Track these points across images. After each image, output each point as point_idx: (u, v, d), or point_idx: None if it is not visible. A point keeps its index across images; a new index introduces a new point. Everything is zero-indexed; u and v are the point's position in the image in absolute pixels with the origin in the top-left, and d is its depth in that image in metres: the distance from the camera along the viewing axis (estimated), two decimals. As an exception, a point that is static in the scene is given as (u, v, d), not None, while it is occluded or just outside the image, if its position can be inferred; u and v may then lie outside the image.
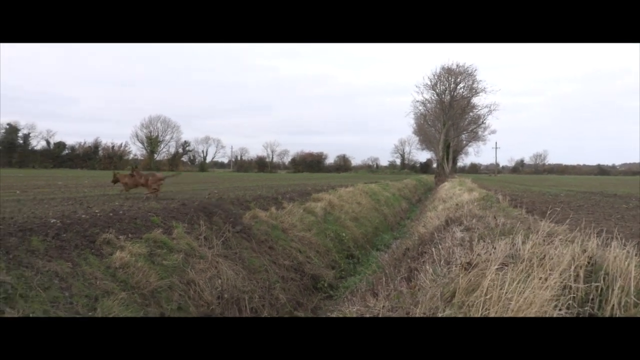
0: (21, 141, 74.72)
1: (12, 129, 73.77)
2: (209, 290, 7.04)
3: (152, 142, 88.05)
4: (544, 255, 3.41)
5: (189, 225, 8.35)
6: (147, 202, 9.84)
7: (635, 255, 3.56)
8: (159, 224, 7.80)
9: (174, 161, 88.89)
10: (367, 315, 3.69)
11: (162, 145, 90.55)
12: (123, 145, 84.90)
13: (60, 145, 78.59)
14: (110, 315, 5.01)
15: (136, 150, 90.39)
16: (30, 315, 4.22)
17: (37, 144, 77.12)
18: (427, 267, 5.12)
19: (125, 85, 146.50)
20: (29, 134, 75.85)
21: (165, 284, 6.35)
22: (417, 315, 3.15)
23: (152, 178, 10.94)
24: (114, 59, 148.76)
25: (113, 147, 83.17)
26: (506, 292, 2.81)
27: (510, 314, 2.74)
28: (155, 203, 9.80)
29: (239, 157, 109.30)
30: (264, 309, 7.91)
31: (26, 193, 12.72)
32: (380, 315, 3.54)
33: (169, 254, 7.02)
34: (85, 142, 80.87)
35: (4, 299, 4.35)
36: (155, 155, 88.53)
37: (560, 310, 2.90)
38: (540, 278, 2.93)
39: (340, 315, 4.65)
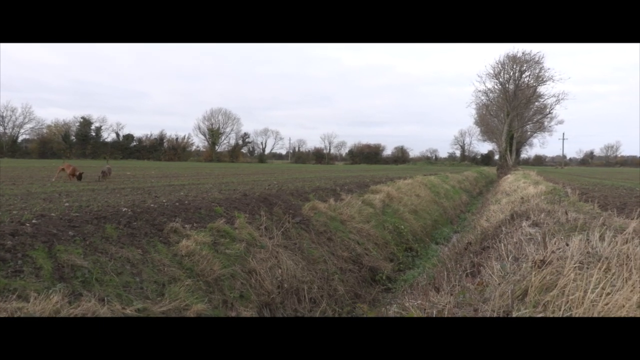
0: (93, 134, 79.61)
1: (86, 122, 78.80)
2: (269, 279, 7.15)
3: (213, 134, 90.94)
4: (627, 255, 3.17)
5: (250, 216, 8.52)
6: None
7: None
8: (222, 214, 8.02)
9: (234, 152, 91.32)
10: (434, 312, 3.59)
11: (222, 137, 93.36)
12: (186, 137, 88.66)
13: (129, 138, 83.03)
14: (176, 301, 5.19)
15: (198, 142, 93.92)
16: (106, 299, 4.45)
17: (108, 136, 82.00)
18: (493, 262, 4.93)
19: (191, 79, 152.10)
20: (101, 126, 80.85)
21: (228, 272, 6.52)
22: (487, 314, 3.02)
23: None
24: (183, 55, 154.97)
25: (177, 139, 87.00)
26: (589, 294, 2.62)
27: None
28: (218, 194, 10.08)
29: (296, 149, 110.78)
30: (323, 299, 7.95)
31: (99, 182, 13.50)
32: (446, 312, 3.43)
33: (232, 243, 7.20)
34: (151, 135, 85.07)
35: (82, 282, 4.62)
36: (217, 147, 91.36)
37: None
38: (625, 279, 2.71)
39: (404, 313, 4.57)
